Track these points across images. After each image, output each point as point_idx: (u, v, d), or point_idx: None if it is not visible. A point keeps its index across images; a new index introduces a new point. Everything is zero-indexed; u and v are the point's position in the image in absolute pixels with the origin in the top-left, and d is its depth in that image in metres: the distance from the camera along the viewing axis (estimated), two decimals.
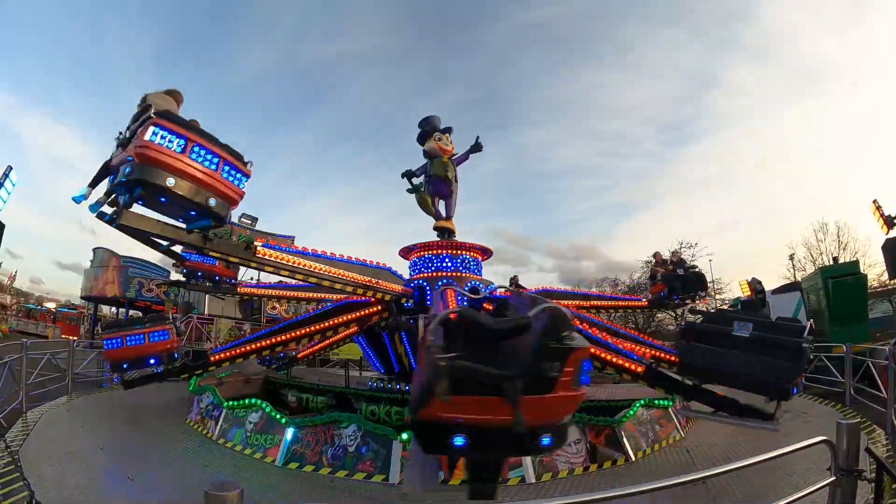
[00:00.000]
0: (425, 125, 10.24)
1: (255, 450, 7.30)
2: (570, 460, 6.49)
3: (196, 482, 5.95)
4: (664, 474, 6.07)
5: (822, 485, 3.02)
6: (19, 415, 8.59)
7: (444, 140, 10.11)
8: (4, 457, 6.20)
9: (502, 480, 6.21)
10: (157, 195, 4.72)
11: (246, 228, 26.94)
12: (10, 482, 5.40)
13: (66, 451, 6.85)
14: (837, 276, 13.64)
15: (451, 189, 10.27)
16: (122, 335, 7.89)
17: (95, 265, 30.01)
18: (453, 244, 9.78)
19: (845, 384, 9.68)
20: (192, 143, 4.72)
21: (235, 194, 5.24)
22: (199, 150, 4.79)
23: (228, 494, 1.92)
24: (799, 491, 2.96)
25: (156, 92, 5.36)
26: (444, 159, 10.04)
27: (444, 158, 10.06)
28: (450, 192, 10.31)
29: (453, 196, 10.32)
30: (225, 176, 5.05)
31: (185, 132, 4.68)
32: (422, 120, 10.33)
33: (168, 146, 4.54)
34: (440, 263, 9.62)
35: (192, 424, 9.04)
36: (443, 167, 10.03)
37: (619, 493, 2.38)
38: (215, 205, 5.02)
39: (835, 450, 3.03)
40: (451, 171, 10.16)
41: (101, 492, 5.65)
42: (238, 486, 1.95)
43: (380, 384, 9.40)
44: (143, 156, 4.42)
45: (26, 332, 32.19)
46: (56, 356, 12.34)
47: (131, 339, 7.87)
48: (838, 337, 11.72)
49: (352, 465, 6.59)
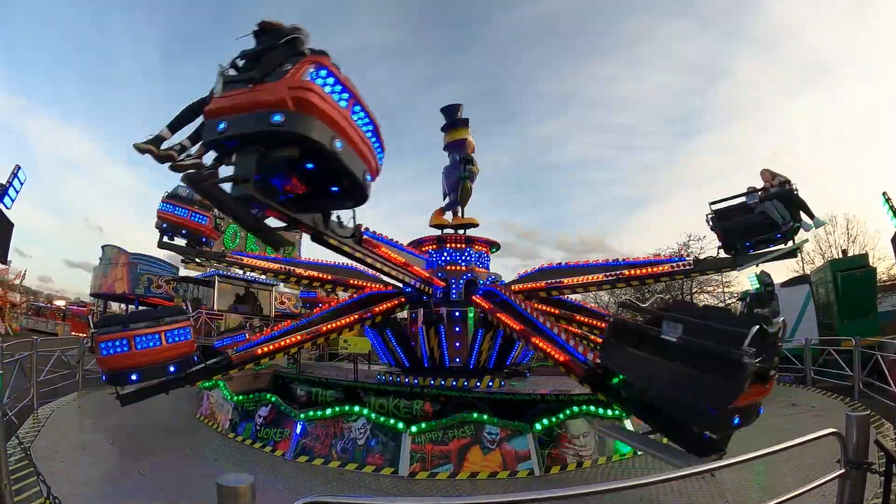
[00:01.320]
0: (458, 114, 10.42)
1: (265, 443, 7.36)
2: (579, 453, 6.50)
3: (206, 475, 6.00)
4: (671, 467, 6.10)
5: (832, 477, 3.01)
6: (31, 411, 8.65)
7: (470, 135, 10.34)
8: (17, 452, 6.24)
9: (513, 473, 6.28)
10: (303, 160, 3.50)
11: None
12: (24, 477, 5.44)
13: (78, 447, 6.92)
14: (846, 269, 13.54)
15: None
16: (130, 335, 5.97)
17: (104, 262, 30.23)
18: (462, 238, 9.80)
19: (854, 378, 9.64)
20: (355, 101, 3.68)
21: (377, 172, 4.20)
22: (360, 110, 3.77)
23: (241, 487, 1.91)
24: (807, 484, 2.96)
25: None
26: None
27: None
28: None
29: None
30: (376, 148, 4.08)
31: (349, 84, 3.61)
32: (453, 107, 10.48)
33: (334, 98, 3.48)
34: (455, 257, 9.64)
35: (202, 419, 9.11)
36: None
37: (627, 485, 2.39)
38: (369, 182, 4.03)
39: (844, 442, 3.01)
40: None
41: (113, 486, 5.70)
42: (251, 479, 1.93)
43: (388, 378, 9.43)
44: (304, 102, 3.25)
45: (36, 330, 32.37)
46: (66, 353, 12.46)
47: (143, 341, 6.03)
48: (847, 330, 11.64)
49: (361, 458, 6.64)
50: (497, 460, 6.36)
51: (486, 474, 6.23)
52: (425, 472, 6.30)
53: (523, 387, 8.92)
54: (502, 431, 6.51)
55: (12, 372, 9.05)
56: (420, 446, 6.51)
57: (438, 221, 10.22)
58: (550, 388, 8.19)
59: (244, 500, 1.91)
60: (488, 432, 6.52)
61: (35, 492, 5.02)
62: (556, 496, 2.21)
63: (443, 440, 6.53)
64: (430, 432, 6.61)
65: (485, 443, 6.46)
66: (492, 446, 6.44)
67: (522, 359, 9.73)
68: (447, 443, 6.50)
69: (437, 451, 6.45)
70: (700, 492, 5.04)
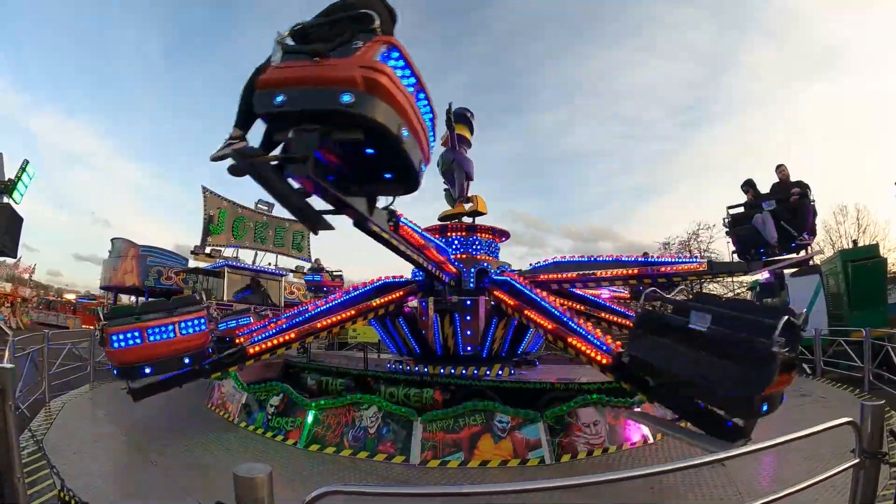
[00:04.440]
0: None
1: (277, 432, 7.41)
2: (590, 441, 6.52)
3: (219, 465, 6.05)
4: (682, 456, 6.12)
5: (845, 467, 2.99)
6: (43, 404, 8.74)
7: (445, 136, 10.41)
8: (30, 445, 6.31)
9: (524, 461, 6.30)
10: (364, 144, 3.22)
11: (262, 214, 27.22)
12: (37, 470, 5.51)
13: (90, 438, 6.99)
14: (857, 260, 13.48)
15: (451, 176, 10.55)
16: (142, 327, 5.83)
17: (114, 255, 30.53)
18: (469, 227, 9.82)
19: (864, 369, 9.61)
20: (419, 87, 3.47)
21: (428, 161, 3.92)
22: (423, 98, 3.54)
23: (258, 477, 1.91)
24: (819, 474, 2.95)
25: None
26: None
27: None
28: (451, 179, 10.58)
29: (456, 181, 10.49)
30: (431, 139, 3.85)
31: (416, 69, 3.37)
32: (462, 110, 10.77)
33: (403, 83, 3.25)
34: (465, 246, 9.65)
35: (213, 409, 9.18)
36: (440, 161, 10.52)
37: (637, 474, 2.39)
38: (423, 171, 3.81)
39: (860, 432, 3.00)
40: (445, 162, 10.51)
41: (126, 476, 5.76)
42: (267, 468, 1.94)
43: (398, 366, 9.46)
44: (376, 85, 2.97)
45: (47, 324, 32.71)
46: (77, 346, 12.58)
47: (156, 332, 5.89)
48: (857, 321, 11.60)
49: (373, 446, 6.68)
50: (508, 448, 6.38)
51: (497, 462, 6.26)
52: (436, 460, 6.33)
53: (533, 375, 8.94)
54: (513, 420, 6.53)
55: (24, 365, 9.15)
56: (431, 434, 6.54)
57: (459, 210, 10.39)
58: (560, 377, 8.21)
59: (261, 491, 1.92)
60: (499, 420, 6.55)
61: (48, 484, 5.07)
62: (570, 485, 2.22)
63: (453, 428, 6.56)
64: (440, 420, 6.64)
65: (496, 431, 6.49)
66: (502, 434, 6.46)
67: (532, 347, 9.75)
68: (458, 431, 6.53)
69: (448, 440, 6.48)
70: (712, 482, 5.04)
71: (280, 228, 28.57)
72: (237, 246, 26.04)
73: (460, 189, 10.39)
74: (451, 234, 9.80)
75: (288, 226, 28.84)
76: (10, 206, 12.11)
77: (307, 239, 29.74)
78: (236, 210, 25.80)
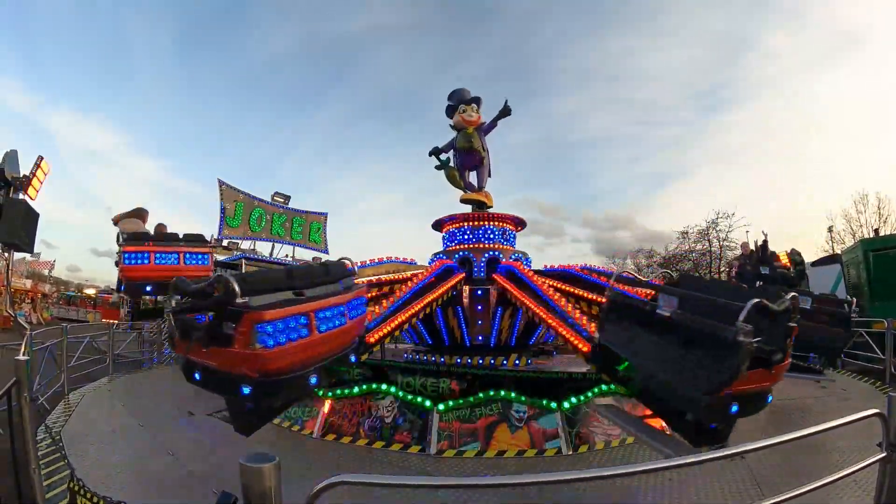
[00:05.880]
0: (452, 99, 10.02)
1: (294, 422, 7.42)
2: (608, 432, 6.45)
3: (235, 456, 6.05)
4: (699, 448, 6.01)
5: (872, 461, 2.89)
6: (62, 397, 8.82)
7: (469, 111, 9.78)
8: (46, 438, 6.38)
9: (541, 451, 6.25)
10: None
11: (279, 207, 27.39)
12: (52, 462, 5.56)
13: (108, 430, 7.03)
14: (878, 249, 13.20)
15: (480, 159, 9.94)
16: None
17: None
18: (485, 216, 9.64)
19: (886, 361, 9.43)
20: None
21: None
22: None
23: (265, 467, 1.91)
24: (843, 469, 2.85)
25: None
26: (468, 130, 9.81)
27: (469, 129, 9.83)
28: (480, 163, 9.99)
29: (484, 166, 10.02)
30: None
31: None
32: (450, 94, 10.14)
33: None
34: (480, 235, 9.44)
35: None
36: (466, 139, 9.70)
37: (655, 467, 2.33)
38: None
39: (887, 424, 2.85)
40: (477, 142, 9.77)
41: (143, 467, 5.77)
42: (274, 458, 1.92)
43: (415, 356, 9.41)
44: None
45: (67, 319, 33.19)
46: (97, 339, 12.72)
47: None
48: (879, 312, 11.36)
49: (389, 436, 6.67)
50: (525, 438, 6.34)
51: (514, 452, 6.21)
52: (452, 450, 6.31)
53: (550, 365, 8.87)
54: (530, 410, 6.48)
55: (42, 359, 9.25)
56: (447, 424, 6.52)
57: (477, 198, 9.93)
58: (577, 367, 8.12)
59: (268, 481, 1.92)
60: (516, 410, 6.50)
61: (65, 475, 5.10)
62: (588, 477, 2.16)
63: (470, 418, 6.53)
64: (457, 410, 6.61)
65: (512, 421, 6.44)
66: (519, 424, 6.42)
67: (549, 337, 9.64)
68: (474, 421, 6.50)
69: (465, 429, 6.45)
70: (731, 476, 4.95)
71: (297, 220, 28.78)
72: (254, 238, 26.26)
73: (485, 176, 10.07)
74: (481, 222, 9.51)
75: (305, 218, 29.07)
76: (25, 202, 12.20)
77: (324, 231, 30.01)
78: (252, 203, 25.97)
